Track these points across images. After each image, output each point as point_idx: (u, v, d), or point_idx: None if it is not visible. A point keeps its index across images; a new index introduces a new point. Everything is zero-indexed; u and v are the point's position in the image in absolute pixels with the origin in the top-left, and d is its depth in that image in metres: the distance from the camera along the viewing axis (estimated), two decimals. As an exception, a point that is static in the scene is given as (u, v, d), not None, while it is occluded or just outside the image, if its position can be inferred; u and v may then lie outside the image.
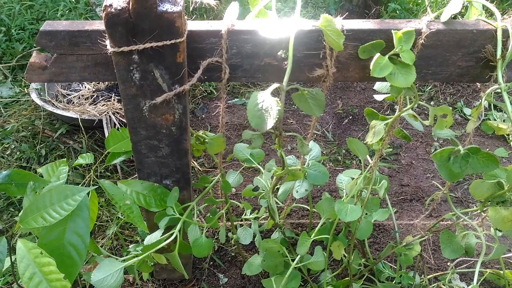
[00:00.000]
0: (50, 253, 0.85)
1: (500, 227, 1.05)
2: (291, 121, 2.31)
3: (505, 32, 0.82)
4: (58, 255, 0.88)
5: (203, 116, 2.32)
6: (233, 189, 1.93)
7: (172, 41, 0.78)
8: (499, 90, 0.84)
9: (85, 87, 2.28)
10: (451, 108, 2.41)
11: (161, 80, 0.85)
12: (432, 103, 2.44)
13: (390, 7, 2.91)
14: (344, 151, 2.14)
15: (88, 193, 0.92)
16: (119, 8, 0.74)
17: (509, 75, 0.91)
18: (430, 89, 2.52)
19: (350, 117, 2.35)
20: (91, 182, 1.22)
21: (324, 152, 2.13)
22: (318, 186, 1.91)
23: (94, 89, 2.25)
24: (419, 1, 3.10)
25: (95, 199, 1.11)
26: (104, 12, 0.74)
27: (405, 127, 2.23)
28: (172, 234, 1.05)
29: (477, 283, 1.17)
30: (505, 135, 2.16)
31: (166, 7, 0.75)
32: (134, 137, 0.98)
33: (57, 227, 0.90)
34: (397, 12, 2.91)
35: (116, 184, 1.08)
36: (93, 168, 1.18)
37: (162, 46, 0.79)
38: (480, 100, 0.86)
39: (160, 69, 0.83)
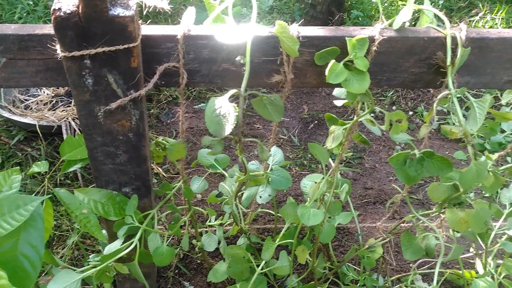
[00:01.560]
0: (2, 265, 0.81)
1: (457, 229, 1.08)
2: (257, 126, 2.32)
3: (454, 39, 0.85)
4: (10, 268, 0.85)
5: (168, 121, 2.29)
6: (199, 195, 1.91)
7: (125, 46, 0.76)
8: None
9: (44, 92, 2.20)
10: (412, 112, 2.48)
11: (115, 85, 0.82)
12: (394, 107, 2.51)
13: (353, 14, 2.97)
14: (310, 155, 2.16)
15: (42, 202, 0.89)
16: (68, 11, 0.72)
17: (460, 81, 0.94)
18: (392, 94, 2.58)
19: (316, 121, 2.38)
20: (46, 190, 1.17)
21: (290, 156, 2.14)
22: (284, 191, 1.92)
23: (53, 94, 2.18)
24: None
25: (50, 208, 1.07)
26: (53, 16, 0.72)
27: (368, 132, 2.27)
28: (132, 243, 1.02)
29: (437, 284, 1.20)
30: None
31: (118, 11, 0.73)
32: (90, 144, 0.96)
33: (9, 238, 0.86)
34: (360, 18, 2.98)
35: (73, 193, 1.05)
36: (47, 176, 1.14)
37: (115, 50, 0.77)
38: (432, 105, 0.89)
39: (114, 74, 0.81)
